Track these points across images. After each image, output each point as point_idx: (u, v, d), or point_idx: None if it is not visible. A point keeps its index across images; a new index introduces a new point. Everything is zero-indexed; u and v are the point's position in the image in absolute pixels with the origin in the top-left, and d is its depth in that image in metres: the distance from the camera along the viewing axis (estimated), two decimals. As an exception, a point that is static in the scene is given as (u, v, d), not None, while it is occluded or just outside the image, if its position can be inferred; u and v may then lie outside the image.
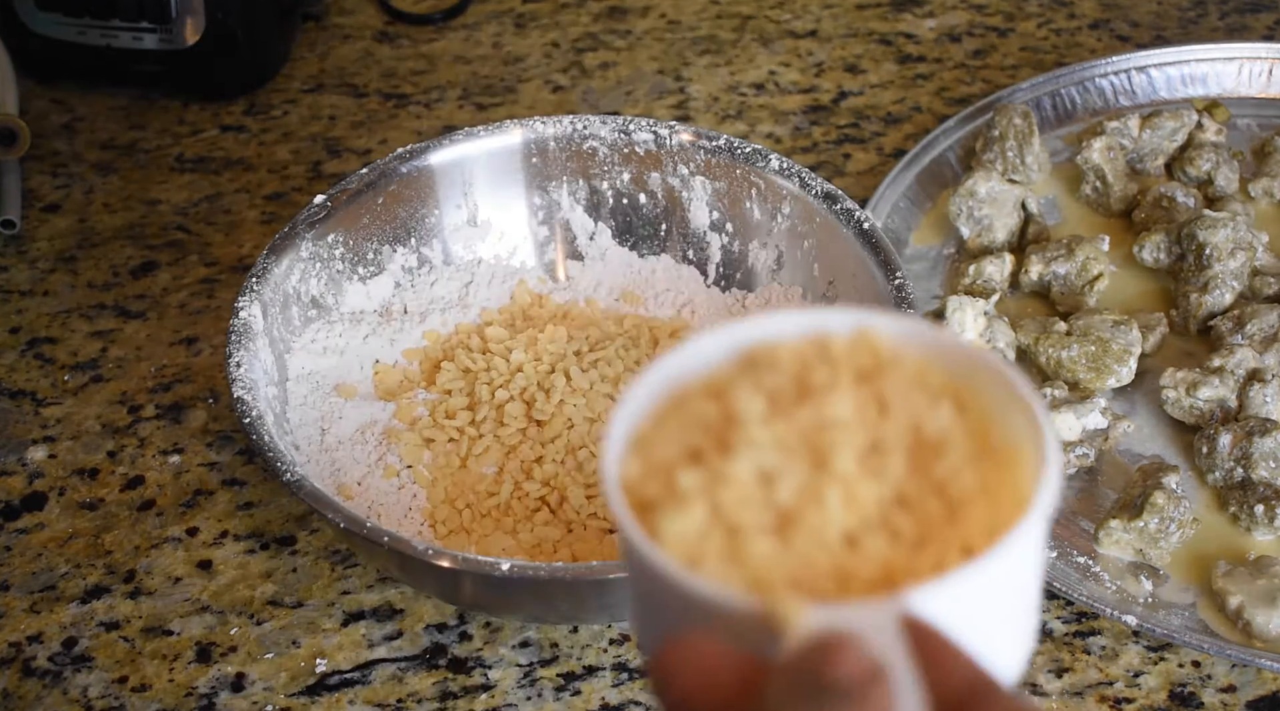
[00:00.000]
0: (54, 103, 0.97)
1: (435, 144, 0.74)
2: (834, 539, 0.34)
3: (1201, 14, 1.03)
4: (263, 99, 0.97)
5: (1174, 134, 0.86)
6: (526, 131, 0.75)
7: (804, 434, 0.35)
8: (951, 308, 0.74)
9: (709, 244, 0.76)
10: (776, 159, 0.73)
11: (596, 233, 0.77)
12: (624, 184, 0.76)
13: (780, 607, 0.32)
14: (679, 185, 0.76)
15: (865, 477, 0.34)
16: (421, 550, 0.58)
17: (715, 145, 0.74)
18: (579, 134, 0.75)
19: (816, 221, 0.72)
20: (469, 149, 0.75)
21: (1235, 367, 0.72)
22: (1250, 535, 0.69)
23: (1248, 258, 0.77)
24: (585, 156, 0.76)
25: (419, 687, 0.64)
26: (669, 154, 0.75)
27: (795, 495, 0.34)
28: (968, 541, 0.34)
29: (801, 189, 0.72)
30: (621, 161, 0.76)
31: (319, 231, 0.71)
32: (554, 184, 0.76)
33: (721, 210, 0.75)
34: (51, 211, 0.89)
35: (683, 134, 0.75)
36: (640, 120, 0.75)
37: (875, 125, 0.94)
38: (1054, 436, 0.35)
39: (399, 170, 0.73)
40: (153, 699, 0.64)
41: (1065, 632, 0.66)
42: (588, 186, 0.77)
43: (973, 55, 1.00)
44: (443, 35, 1.03)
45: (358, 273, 0.73)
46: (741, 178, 0.74)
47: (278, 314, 0.69)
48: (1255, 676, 0.64)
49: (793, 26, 1.03)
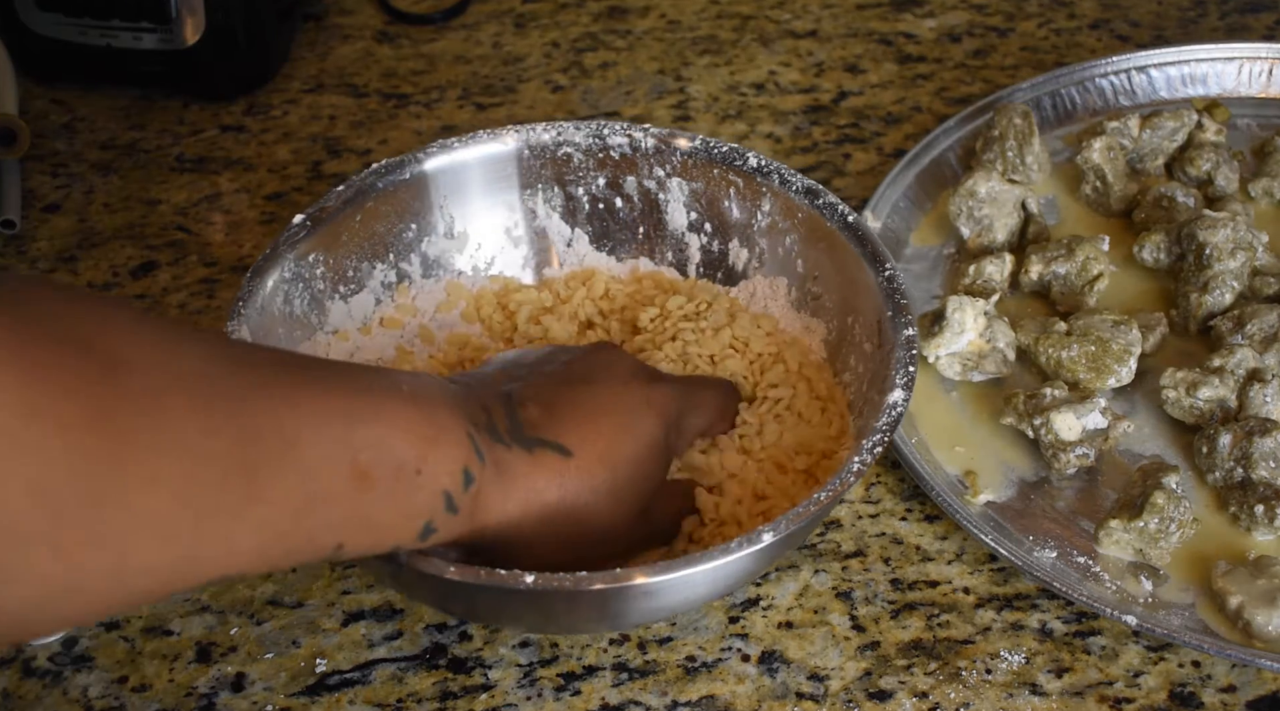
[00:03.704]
0: (54, 103, 0.97)
1: (410, 158, 0.74)
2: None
3: (1201, 14, 1.03)
4: (263, 99, 0.97)
5: (1174, 134, 0.86)
6: (499, 142, 0.75)
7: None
8: (951, 308, 0.74)
9: (688, 245, 0.76)
10: (754, 157, 0.73)
11: (574, 239, 0.77)
12: (600, 189, 0.76)
13: None
14: (655, 187, 0.76)
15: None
16: (407, 563, 0.57)
17: (691, 147, 0.74)
18: (553, 141, 0.75)
19: (799, 217, 0.72)
20: (442, 161, 0.74)
21: (1235, 368, 0.72)
22: (1250, 535, 0.69)
23: (1248, 258, 0.77)
24: (560, 163, 0.76)
25: (419, 687, 0.65)
26: (644, 156, 0.75)
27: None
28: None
29: (781, 185, 0.72)
30: (596, 166, 0.76)
31: (300, 251, 0.70)
32: (529, 192, 0.76)
33: (700, 210, 0.75)
34: (51, 211, 0.89)
35: (656, 136, 0.75)
36: (614, 124, 0.75)
37: (875, 125, 0.94)
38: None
39: (375, 186, 0.73)
40: (153, 699, 0.64)
41: (1065, 632, 0.66)
42: (563, 193, 0.76)
43: (973, 55, 1.00)
44: (443, 35, 1.03)
45: (339, 291, 0.72)
46: (719, 177, 0.74)
47: (264, 337, 0.68)
48: (1255, 676, 0.65)
49: (793, 26, 1.03)
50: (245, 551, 0.47)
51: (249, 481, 0.45)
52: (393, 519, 0.52)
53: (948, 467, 0.72)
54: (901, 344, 0.65)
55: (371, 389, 0.52)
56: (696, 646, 0.66)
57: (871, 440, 0.61)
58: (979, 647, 0.66)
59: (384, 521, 0.52)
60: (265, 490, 0.46)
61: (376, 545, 0.53)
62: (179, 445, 0.43)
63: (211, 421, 0.44)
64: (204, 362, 0.46)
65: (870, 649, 0.66)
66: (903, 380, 0.63)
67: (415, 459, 0.52)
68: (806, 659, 0.65)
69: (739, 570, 0.60)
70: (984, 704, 0.63)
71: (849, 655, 0.65)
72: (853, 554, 0.69)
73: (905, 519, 0.71)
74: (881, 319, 0.67)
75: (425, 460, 0.52)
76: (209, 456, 0.44)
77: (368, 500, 0.50)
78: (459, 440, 0.54)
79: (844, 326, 0.71)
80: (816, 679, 0.65)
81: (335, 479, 0.49)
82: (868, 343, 0.68)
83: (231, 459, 0.45)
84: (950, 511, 0.69)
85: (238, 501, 0.45)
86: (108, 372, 0.42)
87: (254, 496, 0.46)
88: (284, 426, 0.47)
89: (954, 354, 0.74)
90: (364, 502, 0.50)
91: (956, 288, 0.80)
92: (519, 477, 0.57)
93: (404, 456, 0.52)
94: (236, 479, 0.45)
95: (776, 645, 0.66)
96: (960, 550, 0.70)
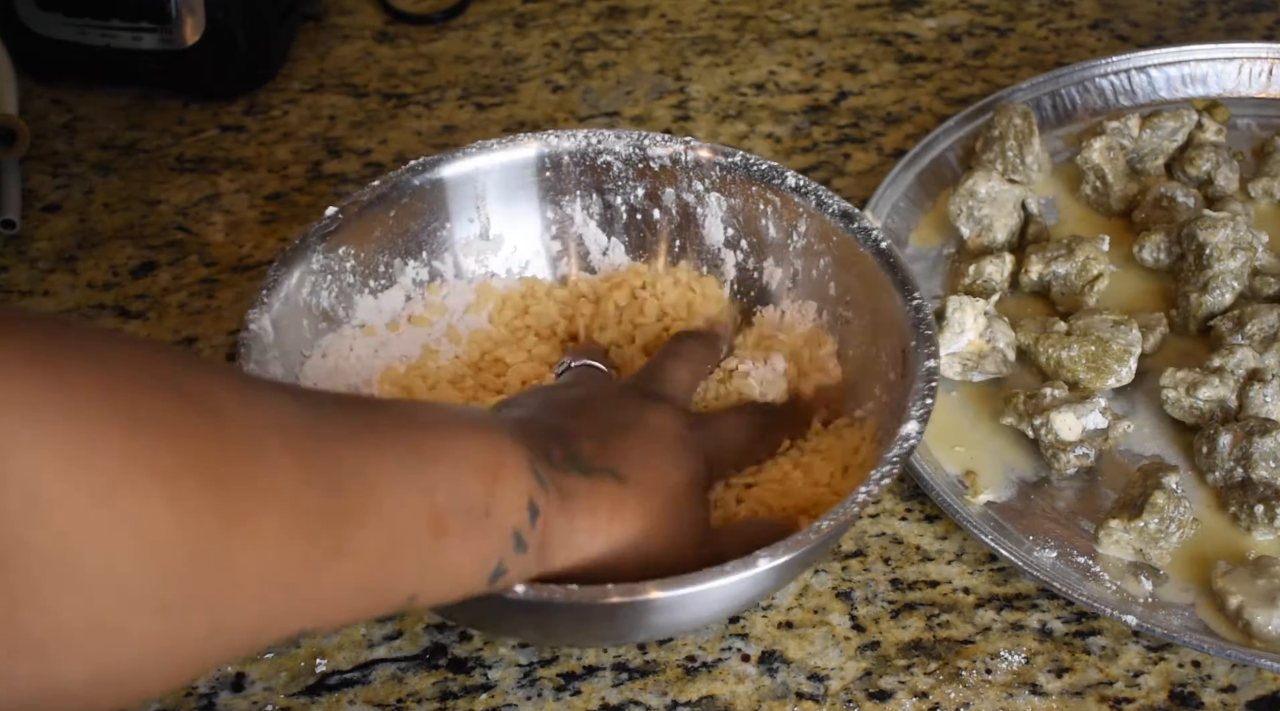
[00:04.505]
0: (54, 103, 0.97)
1: (448, 157, 0.73)
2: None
3: (1201, 14, 1.03)
4: (263, 99, 0.97)
5: (1174, 134, 0.86)
6: (540, 145, 0.74)
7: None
8: (951, 307, 0.74)
9: (724, 260, 0.76)
10: (793, 177, 0.72)
11: (610, 248, 0.77)
12: (638, 199, 0.75)
13: None
14: (694, 201, 0.75)
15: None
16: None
17: (731, 162, 0.73)
18: (594, 148, 0.74)
19: (833, 240, 0.71)
20: (482, 162, 0.74)
21: (1235, 368, 0.72)
22: (1250, 535, 0.69)
23: (1248, 258, 0.77)
24: (599, 171, 0.75)
25: (419, 687, 0.65)
26: (684, 169, 0.74)
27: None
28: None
29: (818, 207, 0.71)
30: (636, 176, 0.75)
31: (330, 244, 0.70)
32: (567, 198, 0.76)
33: (737, 227, 0.75)
34: (51, 211, 0.89)
35: (699, 150, 0.74)
36: (655, 135, 0.74)
37: (875, 125, 0.94)
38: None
39: (411, 183, 0.72)
40: (153, 698, 0.64)
41: (1065, 632, 0.66)
42: (601, 201, 0.76)
43: (973, 55, 1.00)
44: (443, 35, 1.03)
45: (369, 285, 0.72)
46: (757, 195, 0.73)
47: (288, 326, 0.68)
48: (1255, 676, 0.65)
49: (793, 26, 1.03)
50: (330, 605, 0.44)
51: (337, 533, 0.43)
52: (466, 563, 0.50)
53: (948, 467, 0.72)
54: (922, 375, 0.64)
55: (435, 423, 0.51)
56: (696, 646, 0.66)
57: (880, 472, 0.60)
58: (979, 647, 0.66)
59: (457, 567, 0.50)
60: (350, 542, 0.44)
61: (448, 594, 0.51)
62: (279, 497, 0.41)
63: (309, 472, 0.42)
64: (292, 408, 0.44)
65: (870, 649, 0.66)
66: (919, 412, 0.62)
67: (484, 495, 0.50)
68: (806, 659, 0.65)
69: (728, 596, 0.59)
70: (984, 704, 0.63)
71: (849, 655, 0.65)
72: (853, 554, 0.69)
73: (905, 519, 0.71)
74: (906, 348, 0.66)
75: (494, 495, 0.50)
76: (306, 509, 0.42)
77: (443, 546, 0.48)
78: (523, 470, 0.52)
79: (870, 354, 0.70)
80: (816, 679, 0.65)
81: (414, 524, 0.47)
82: (892, 371, 0.67)
83: (323, 510, 0.42)
84: (950, 511, 0.69)
85: (326, 555, 0.43)
86: (206, 419, 0.39)
87: (341, 549, 0.43)
88: (365, 472, 0.45)
89: (954, 354, 0.74)
90: (439, 549, 0.48)
91: (956, 287, 0.80)
92: (580, 507, 0.55)
93: (474, 493, 0.49)
94: (326, 531, 0.43)
95: (776, 645, 0.66)
96: (960, 550, 0.70)
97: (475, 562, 0.51)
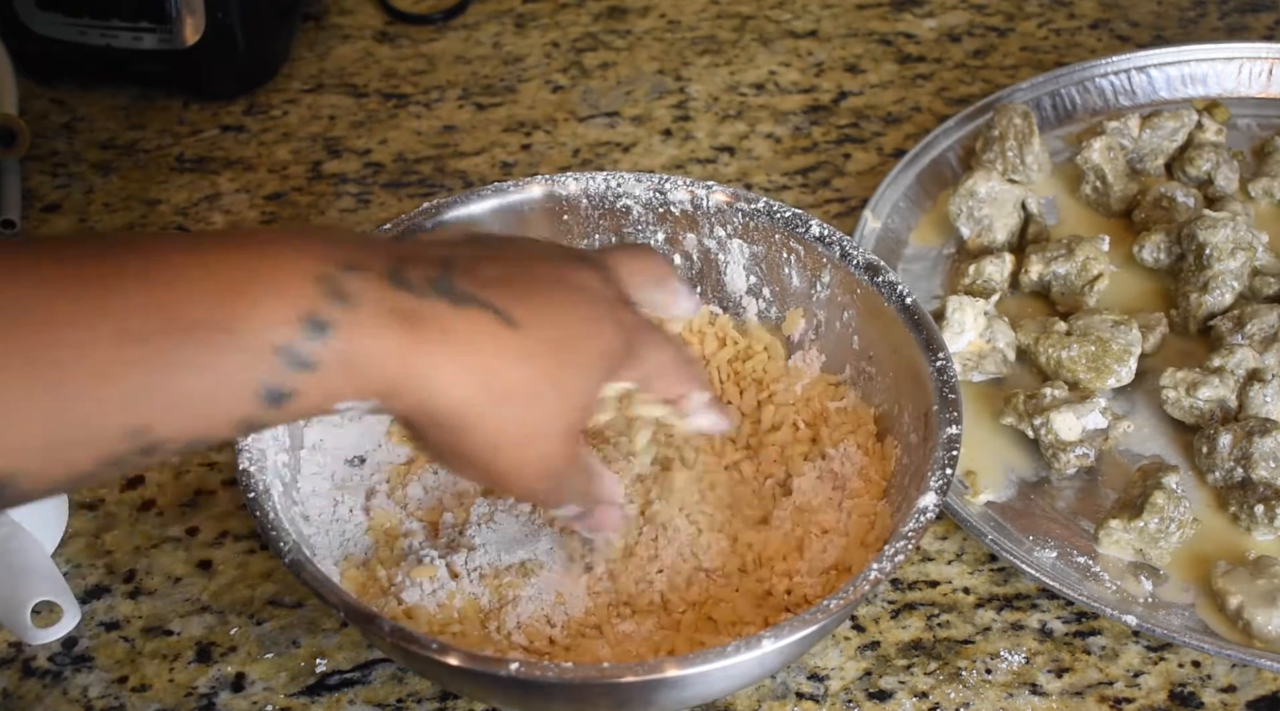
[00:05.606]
0: (54, 103, 0.97)
1: (461, 199, 0.71)
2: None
3: (1201, 14, 1.03)
4: (263, 99, 0.97)
5: (1174, 134, 0.86)
6: (557, 187, 0.72)
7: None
8: (951, 308, 0.74)
9: (745, 308, 0.74)
10: (817, 226, 0.70)
11: None
12: (658, 244, 0.73)
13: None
14: (715, 247, 0.73)
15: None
16: (426, 643, 0.55)
17: (754, 208, 0.71)
18: (612, 192, 0.72)
19: (857, 293, 0.69)
20: (495, 204, 0.71)
21: (1235, 368, 0.72)
22: (1250, 535, 0.69)
23: (1248, 258, 0.77)
24: (618, 215, 0.73)
25: (419, 687, 0.64)
26: (705, 215, 0.72)
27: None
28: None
29: (842, 258, 0.69)
30: (656, 221, 0.73)
31: None
32: (585, 243, 0.73)
33: (759, 274, 0.73)
34: (51, 211, 0.89)
35: (719, 194, 0.72)
36: (676, 179, 0.72)
37: (875, 125, 0.94)
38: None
39: (424, 226, 0.70)
40: (153, 699, 0.64)
41: (1065, 632, 0.66)
42: None
43: (973, 55, 1.00)
44: (443, 35, 1.03)
45: None
46: (780, 243, 0.71)
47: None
48: (1255, 676, 0.65)
49: (793, 26, 1.03)
50: (34, 442, 0.45)
51: (25, 364, 0.44)
52: (203, 385, 0.47)
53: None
54: (943, 443, 0.62)
55: (182, 248, 0.48)
56: (696, 646, 0.66)
57: (894, 547, 0.58)
58: (979, 647, 0.66)
59: (191, 388, 0.47)
60: (29, 376, 0.44)
61: (200, 424, 0.48)
62: None
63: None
64: (20, 255, 0.46)
65: (870, 649, 0.66)
66: (938, 483, 0.60)
67: (213, 309, 0.47)
68: (807, 658, 0.65)
69: (736, 674, 0.58)
70: (984, 704, 0.63)
71: (849, 655, 0.65)
72: (853, 554, 0.69)
73: (905, 519, 0.71)
74: (929, 412, 0.64)
75: (232, 310, 0.47)
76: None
77: (157, 370, 0.46)
78: (295, 282, 0.48)
79: (893, 413, 0.68)
80: (816, 679, 0.64)
81: (101, 351, 0.45)
82: (914, 434, 0.65)
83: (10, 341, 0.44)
84: (950, 511, 0.69)
85: (17, 383, 0.44)
86: None
87: (32, 376, 0.44)
88: (37, 307, 0.45)
89: (954, 354, 0.74)
90: (151, 371, 0.46)
91: (956, 288, 0.80)
92: (430, 334, 0.50)
93: (191, 312, 0.46)
94: (15, 360, 0.44)
95: (776, 645, 0.66)
96: (960, 550, 0.70)
97: (216, 384, 0.47)
